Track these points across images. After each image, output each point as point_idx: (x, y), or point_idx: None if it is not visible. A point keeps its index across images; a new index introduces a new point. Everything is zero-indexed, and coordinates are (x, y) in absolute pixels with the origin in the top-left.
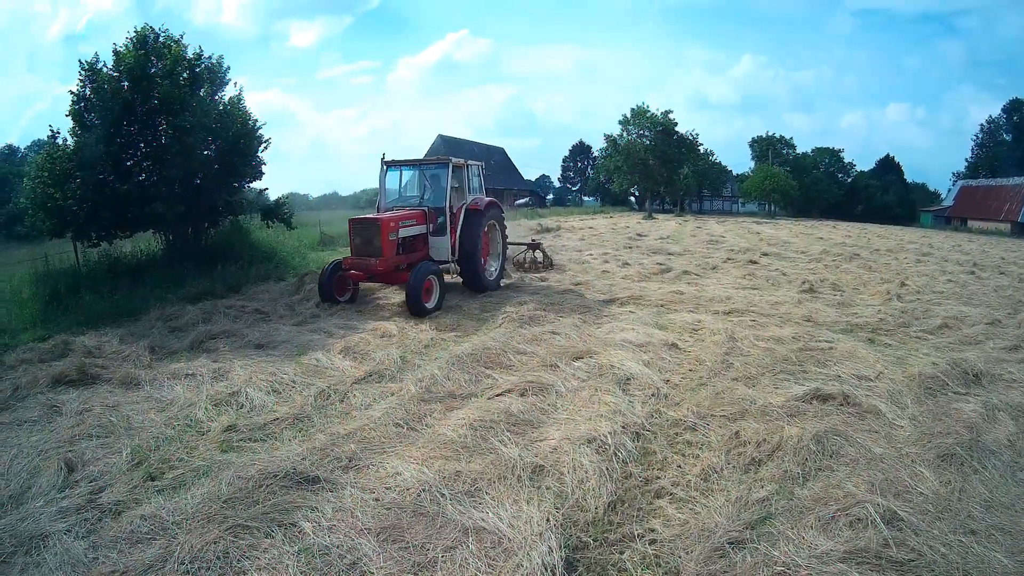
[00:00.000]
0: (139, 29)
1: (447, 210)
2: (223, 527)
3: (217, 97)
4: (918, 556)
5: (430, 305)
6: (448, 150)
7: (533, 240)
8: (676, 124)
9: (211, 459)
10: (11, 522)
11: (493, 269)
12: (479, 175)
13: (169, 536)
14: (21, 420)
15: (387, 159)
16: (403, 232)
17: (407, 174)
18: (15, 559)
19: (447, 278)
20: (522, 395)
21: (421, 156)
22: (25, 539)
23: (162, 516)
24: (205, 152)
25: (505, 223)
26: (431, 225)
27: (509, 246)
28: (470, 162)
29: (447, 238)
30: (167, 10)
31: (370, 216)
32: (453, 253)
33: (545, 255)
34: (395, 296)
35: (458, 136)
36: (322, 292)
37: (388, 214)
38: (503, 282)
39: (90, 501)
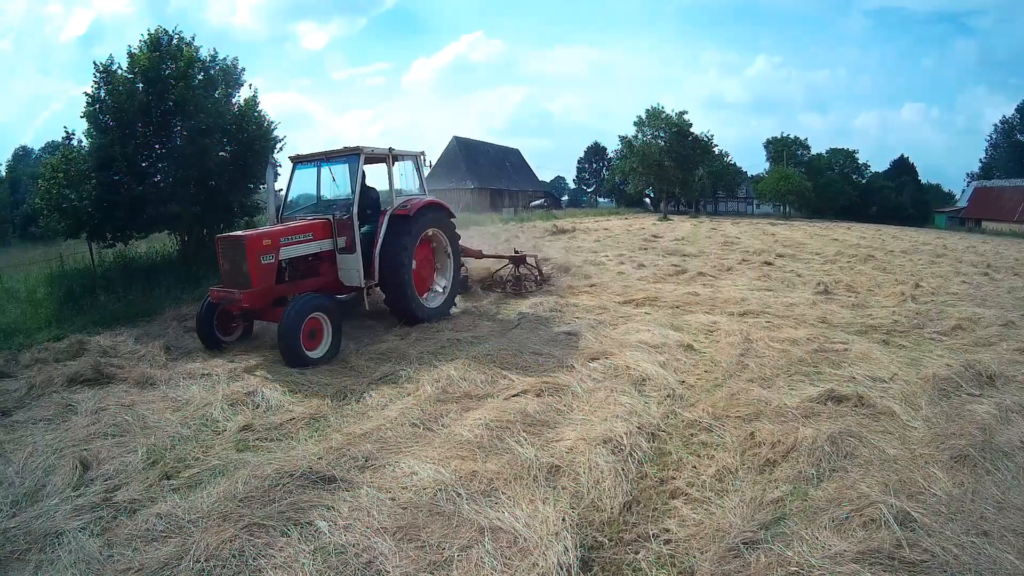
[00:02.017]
0: (152, 31)
1: (354, 218)
2: (239, 526)
3: (232, 99)
4: (931, 557)
5: (316, 353)
6: (463, 151)
7: (517, 252)
8: (691, 125)
9: (227, 458)
10: (26, 519)
11: (439, 292)
12: (419, 169)
13: (184, 534)
14: (36, 419)
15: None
16: (287, 252)
17: (323, 172)
18: (30, 556)
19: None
20: (538, 396)
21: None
22: (40, 536)
23: (177, 515)
24: (220, 153)
25: (456, 230)
26: (344, 239)
27: (490, 260)
28: (397, 151)
29: (358, 256)
30: (181, 12)
31: (236, 233)
32: (370, 276)
33: (538, 269)
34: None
35: (473, 137)
36: (200, 332)
37: (262, 229)
38: (455, 308)
39: (105, 499)
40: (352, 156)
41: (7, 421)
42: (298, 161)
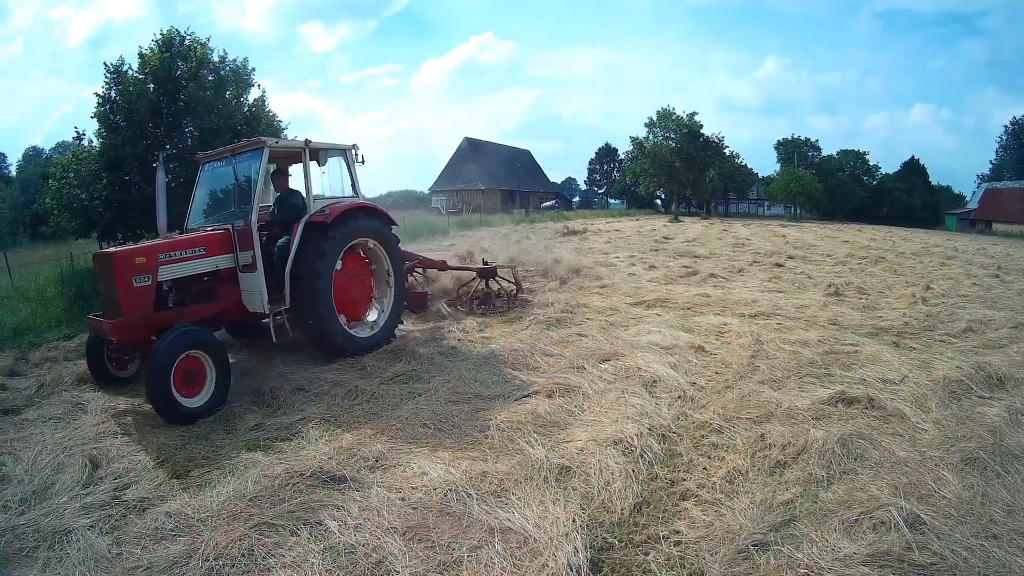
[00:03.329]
0: (164, 32)
1: (252, 228)
2: (248, 525)
3: (243, 99)
4: (940, 560)
5: (195, 402)
6: (474, 152)
7: (487, 263)
8: (702, 126)
9: (237, 457)
10: (35, 517)
11: (375, 318)
12: (350, 167)
13: (194, 533)
14: (46, 417)
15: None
16: (170, 271)
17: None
18: (38, 553)
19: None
20: (549, 396)
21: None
22: (49, 534)
23: (187, 513)
24: None
25: (397, 241)
26: (249, 254)
27: (454, 273)
28: (318, 144)
29: (259, 274)
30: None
31: (110, 250)
32: (281, 300)
33: (516, 283)
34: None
35: (484, 138)
36: (91, 365)
37: (140, 245)
38: (397, 332)
39: (115, 497)
40: (254, 151)
41: (17, 419)
42: (206, 160)
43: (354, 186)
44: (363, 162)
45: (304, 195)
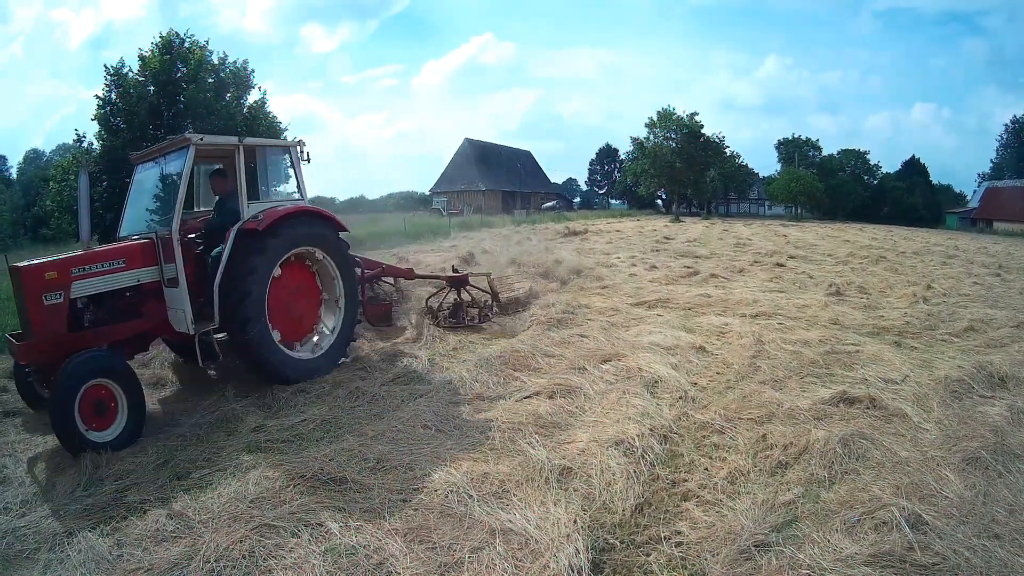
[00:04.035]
0: (164, 34)
1: (173, 237)
2: (249, 526)
3: (243, 101)
4: (942, 560)
5: (106, 435)
6: (475, 153)
7: (457, 271)
8: (702, 127)
9: (238, 459)
10: (36, 519)
11: (320, 339)
12: (295, 166)
13: (195, 535)
14: (47, 419)
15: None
16: (84, 287)
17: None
18: (39, 555)
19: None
20: (550, 397)
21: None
22: (49, 535)
23: (188, 515)
24: None
25: (347, 249)
26: (174, 267)
27: (419, 281)
28: (254, 141)
29: (182, 290)
30: (191, 16)
31: (20, 264)
32: (205, 319)
33: (492, 293)
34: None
35: (485, 139)
36: (19, 389)
37: (53, 258)
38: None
39: (115, 499)
40: (180, 151)
41: (18, 421)
42: (139, 160)
43: (299, 187)
44: (308, 160)
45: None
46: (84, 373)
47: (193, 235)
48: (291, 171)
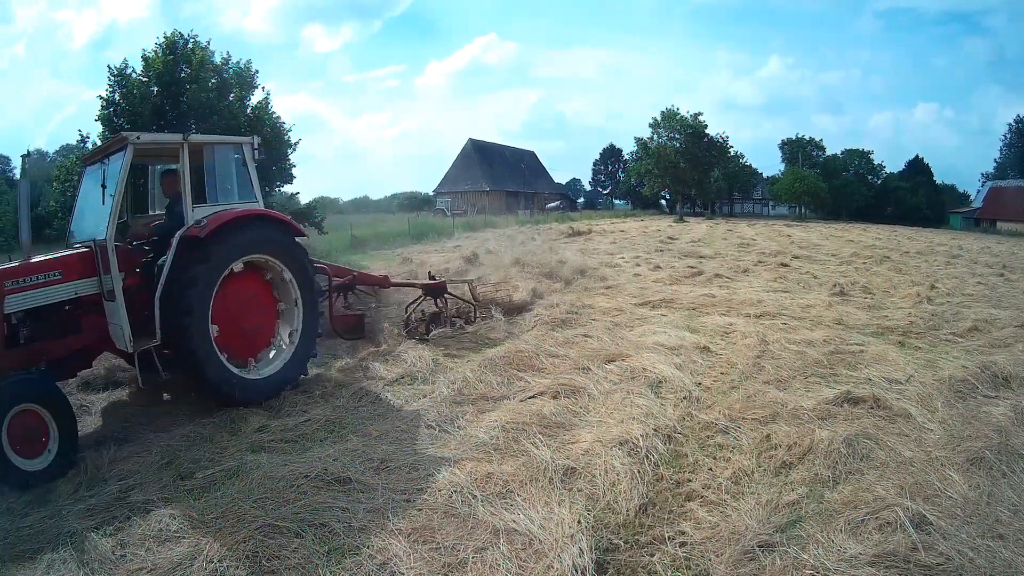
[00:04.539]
0: (168, 35)
1: (108, 246)
2: (253, 527)
3: (246, 101)
4: (946, 560)
5: (38, 463)
6: (478, 154)
7: (433, 277)
8: (706, 126)
9: (242, 459)
10: (38, 519)
11: (277, 355)
12: (246, 165)
13: (198, 535)
14: None
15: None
16: (19, 300)
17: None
18: (42, 556)
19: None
20: (554, 397)
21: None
22: (52, 536)
23: (191, 515)
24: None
25: (305, 255)
26: (120, 276)
27: (394, 289)
28: (201, 139)
29: (119, 303)
30: (194, 16)
31: None
32: (144, 336)
33: (473, 300)
34: None
35: (488, 140)
36: None
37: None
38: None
39: (119, 499)
40: (119, 151)
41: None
42: (89, 161)
43: (252, 189)
44: (260, 156)
45: (204, 202)
46: (10, 398)
47: (141, 242)
48: (245, 170)
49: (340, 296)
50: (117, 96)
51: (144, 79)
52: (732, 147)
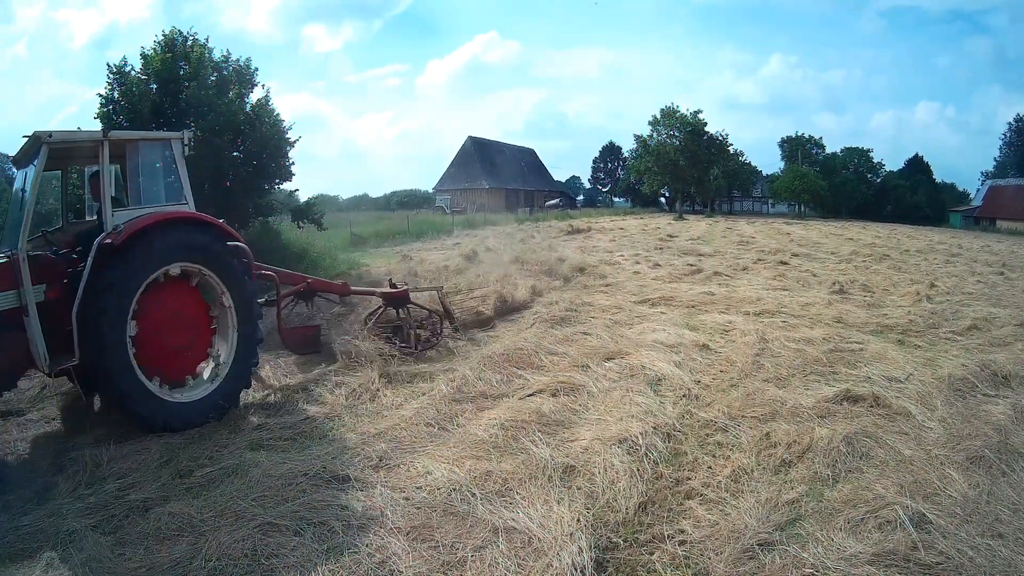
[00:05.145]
0: (167, 32)
1: (19, 258)
2: (251, 525)
3: (246, 99)
4: (946, 559)
5: None
6: (478, 152)
7: (396, 286)
8: (706, 124)
9: (240, 457)
10: (37, 517)
11: (211, 375)
12: (175, 163)
13: (197, 533)
14: (49, 417)
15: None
16: None
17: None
18: (41, 554)
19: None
20: (553, 395)
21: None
22: (51, 534)
23: (190, 513)
24: (234, 154)
25: (239, 261)
26: (41, 289)
27: (352, 299)
28: (122, 135)
29: (32, 319)
30: (194, 16)
31: None
32: (60, 354)
33: (444, 312)
34: None
35: (488, 138)
36: None
37: None
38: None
39: (117, 497)
40: (35, 152)
41: (21, 420)
42: (17, 164)
43: (180, 189)
44: (187, 151)
45: (129, 204)
46: None
47: (68, 250)
48: (175, 169)
49: (299, 304)
50: (116, 94)
51: (143, 77)
52: (731, 145)
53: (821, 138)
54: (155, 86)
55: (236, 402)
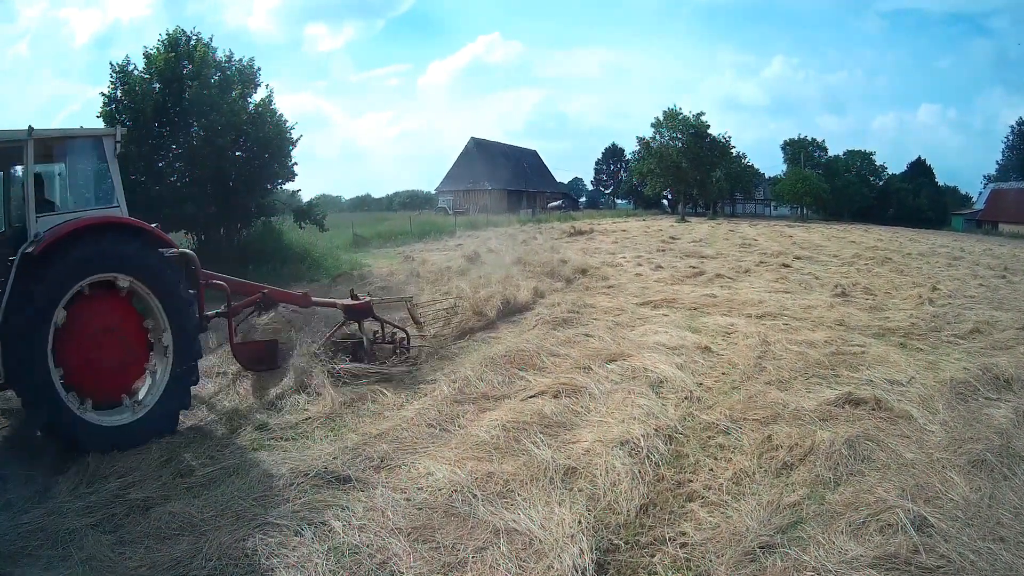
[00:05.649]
0: (171, 31)
1: None
2: (252, 524)
3: (248, 99)
4: (947, 563)
5: None
6: (480, 152)
7: (358, 297)
8: (708, 126)
9: (241, 457)
10: (37, 516)
11: (146, 394)
12: (108, 163)
13: (197, 533)
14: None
15: None
16: None
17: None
18: (41, 552)
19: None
20: (555, 397)
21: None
22: (51, 533)
23: (190, 513)
24: (236, 153)
25: (174, 270)
26: None
27: (312, 309)
28: (47, 133)
29: None
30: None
31: None
32: None
33: (415, 323)
34: None
35: (490, 138)
36: None
37: None
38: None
39: (118, 496)
40: None
41: (21, 419)
42: None
43: (112, 191)
44: (119, 149)
45: (57, 207)
46: None
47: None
48: (106, 169)
49: (258, 317)
50: (119, 93)
51: (146, 76)
52: (734, 147)
53: (823, 140)
54: (158, 85)
55: (172, 425)
